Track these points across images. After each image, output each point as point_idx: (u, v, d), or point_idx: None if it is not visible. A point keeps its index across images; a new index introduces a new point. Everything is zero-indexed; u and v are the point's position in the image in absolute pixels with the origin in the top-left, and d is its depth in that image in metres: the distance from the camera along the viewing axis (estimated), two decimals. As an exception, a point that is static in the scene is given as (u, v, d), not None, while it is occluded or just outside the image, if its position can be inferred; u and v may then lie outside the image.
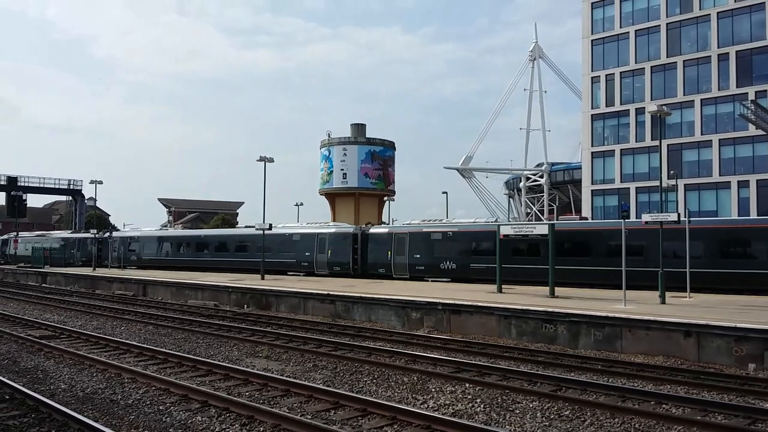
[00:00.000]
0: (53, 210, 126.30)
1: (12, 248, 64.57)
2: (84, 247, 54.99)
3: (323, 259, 37.06)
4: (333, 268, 36.69)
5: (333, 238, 37.19)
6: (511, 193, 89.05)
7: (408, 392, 11.99)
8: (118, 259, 50.72)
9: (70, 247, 56.76)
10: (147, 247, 50.55)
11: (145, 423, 9.78)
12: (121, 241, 52.02)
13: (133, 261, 50.16)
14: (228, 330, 20.34)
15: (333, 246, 36.95)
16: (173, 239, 49.80)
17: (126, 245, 51.55)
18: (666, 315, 16.61)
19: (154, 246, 50.01)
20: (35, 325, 21.39)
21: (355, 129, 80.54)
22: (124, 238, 52.57)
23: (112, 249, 51.50)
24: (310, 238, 37.81)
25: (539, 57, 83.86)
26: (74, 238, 57.87)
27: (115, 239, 52.32)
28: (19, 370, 13.94)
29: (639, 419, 10.04)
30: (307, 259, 37.81)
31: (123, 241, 52.02)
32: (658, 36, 55.74)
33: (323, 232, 37.71)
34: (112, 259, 51.07)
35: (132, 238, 52.10)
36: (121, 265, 49.92)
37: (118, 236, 53.17)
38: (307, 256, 37.76)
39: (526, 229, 24.88)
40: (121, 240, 52.26)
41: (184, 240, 49.01)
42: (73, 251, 55.97)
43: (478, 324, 19.46)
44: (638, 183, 55.48)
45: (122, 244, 51.70)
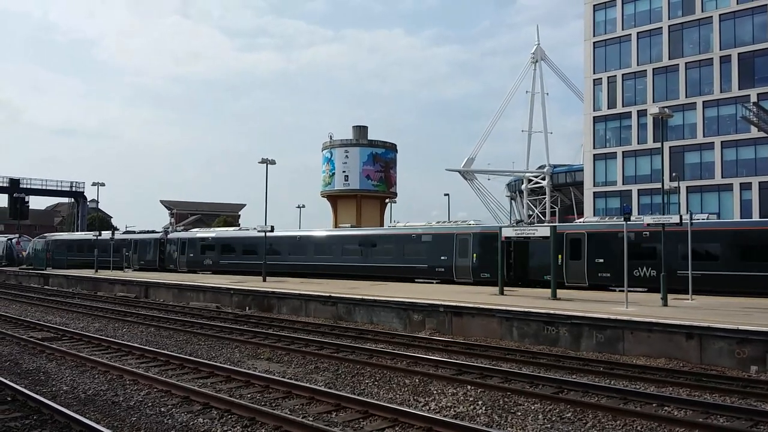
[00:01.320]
0: (55, 212, 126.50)
1: (37, 248, 60.36)
2: (143, 248, 49.21)
3: (465, 263, 31.03)
4: (480, 275, 30.21)
5: (480, 239, 30.82)
6: (513, 195, 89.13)
7: (410, 394, 11.98)
8: (188, 263, 45.30)
9: (123, 248, 50.34)
10: (230, 248, 43.40)
11: (147, 425, 9.79)
12: (190, 242, 46.00)
13: (207, 265, 44.14)
14: (230, 332, 20.34)
15: (479, 248, 30.57)
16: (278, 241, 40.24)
17: (196, 247, 45.35)
18: (668, 317, 16.59)
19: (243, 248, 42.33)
20: (37, 327, 21.41)
21: (357, 131, 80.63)
22: (194, 239, 46.32)
23: (180, 251, 45.99)
24: (446, 240, 31.86)
25: (541, 59, 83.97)
26: (129, 239, 51.32)
27: (183, 240, 46.78)
28: (21, 372, 13.95)
29: (641, 421, 10.02)
30: (442, 264, 31.81)
31: (192, 242, 45.90)
32: (660, 38, 55.77)
33: (465, 231, 31.64)
34: (179, 263, 45.90)
35: (208, 239, 45.21)
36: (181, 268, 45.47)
37: (187, 237, 47.12)
38: (442, 260, 31.75)
39: None
40: (190, 241, 46.11)
41: (290, 241, 40.45)
42: (128, 253, 49.88)
43: (480, 326, 19.44)
44: (640, 185, 55.47)
45: (191, 245, 45.69)
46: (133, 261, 49.14)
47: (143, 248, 48.96)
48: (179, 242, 46.73)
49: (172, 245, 46.93)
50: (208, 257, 44.06)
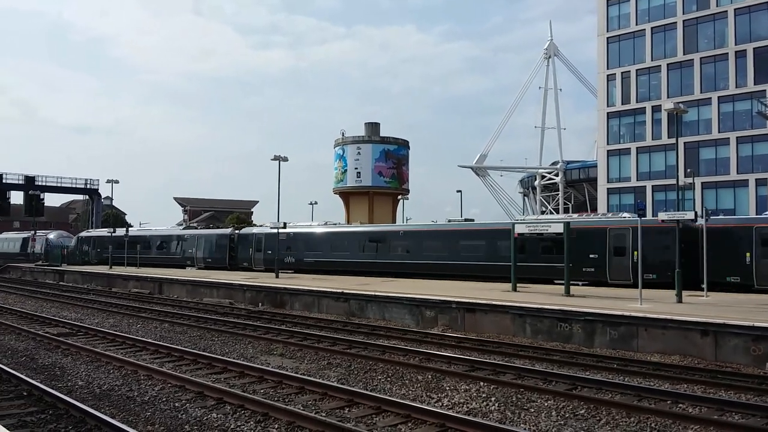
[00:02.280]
0: (70, 209, 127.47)
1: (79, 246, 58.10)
2: (209, 246, 45.69)
3: (624, 263, 26.58)
4: (645, 275, 23.35)
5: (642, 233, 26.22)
6: (525, 192, 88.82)
7: (422, 390, 11.99)
8: (265, 261, 41.17)
9: (186, 245, 47.44)
10: (319, 245, 39.41)
11: (161, 420, 9.85)
12: (268, 239, 41.01)
13: (288, 264, 39.91)
14: (243, 328, 20.43)
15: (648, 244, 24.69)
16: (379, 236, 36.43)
17: (275, 242, 39.84)
18: (682, 314, 16.48)
19: (330, 244, 38.79)
20: (53, 323, 21.61)
21: (369, 128, 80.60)
22: (273, 235, 40.56)
23: (255, 249, 42.14)
24: (596, 235, 27.19)
25: (554, 55, 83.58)
26: (193, 235, 48.05)
27: (258, 237, 42.40)
28: (37, 367, 14.09)
29: (655, 418, 9.97)
30: (592, 263, 27.22)
31: (271, 239, 40.45)
32: (675, 33, 55.25)
33: (622, 225, 27.33)
34: (255, 261, 42.16)
35: (290, 234, 40.19)
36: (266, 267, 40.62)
37: (264, 233, 42.13)
38: (592, 259, 26.94)
39: None
40: (268, 238, 41.07)
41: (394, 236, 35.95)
42: (192, 250, 46.73)
43: (493, 323, 19.40)
44: (654, 181, 55.05)
45: (271, 243, 40.43)
46: (197, 259, 45.95)
47: (209, 245, 45.57)
48: (254, 239, 42.44)
49: (246, 242, 43.09)
50: (290, 255, 40.02)
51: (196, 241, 46.61)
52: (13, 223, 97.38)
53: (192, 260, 46.06)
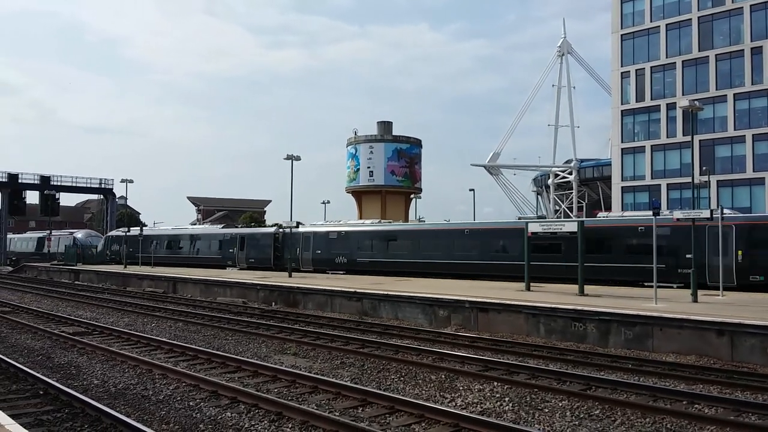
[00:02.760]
0: (85, 209, 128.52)
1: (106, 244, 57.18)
2: (252, 245, 43.34)
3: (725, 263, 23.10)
4: (749, 278, 23.85)
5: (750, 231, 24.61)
6: (539, 190, 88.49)
7: (435, 390, 11.96)
8: (314, 261, 38.92)
9: (227, 244, 44.99)
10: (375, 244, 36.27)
11: (175, 418, 9.90)
12: (317, 238, 38.86)
13: (340, 264, 37.54)
14: (256, 327, 20.50)
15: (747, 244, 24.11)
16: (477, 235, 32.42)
17: (325, 243, 38.54)
18: (698, 313, 16.33)
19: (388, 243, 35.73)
20: (68, 322, 21.78)
21: (382, 127, 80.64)
22: (321, 233, 39.01)
23: (304, 248, 39.38)
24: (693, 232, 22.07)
25: (567, 52, 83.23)
26: (235, 234, 45.47)
27: (307, 235, 39.62)
28: (53, 366, 14.20)
29: (671, 419, 9.89)
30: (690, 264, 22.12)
31: (319, 238, 38.82)
32: (690, 30, 54.82)
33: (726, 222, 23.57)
34: (303, 261, 39.35)
35: (342, 233, 37.90)
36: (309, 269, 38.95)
37: (312, 231, 39.76)
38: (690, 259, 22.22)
39: None
40: (317, 237, 39.01)
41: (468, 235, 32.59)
42: (233, 250, 44.15)
43: (506, 322, 19.33)
44: (669, 179, 54.67)
45: (319, 241, 38.79)
46: (239, 259, 43.67)
47: (253, 245, 43.29)
48: (303, 238, 39.86)
49: (293, 242, 40.06)
50: (342, 255, 37.47)
51: (237, 240, 44.16)
52: (29, 222, 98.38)
53: (233, 260, 43.88)
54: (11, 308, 26.17)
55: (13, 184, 73.39)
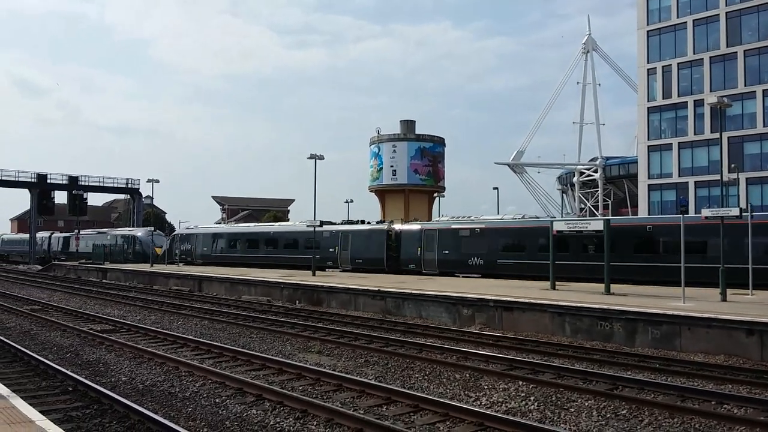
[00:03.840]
0: (112, 208, 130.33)
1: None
2: (359, 244, 38.46)
3: None
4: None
5: None
6: (564, 189, 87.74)
7: (460, 389, 11.93)
8: (439, 263, 33.90)
9: (327, 243, 39.76)
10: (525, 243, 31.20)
11: (202, 415, 9.99)
12: (443, 235, 33.98)
13: (475, 266, 32.40)
14: (281, 325, 20.61)
15: None
16: None
17: (453, 241, 33.39)
18: (727, 313, 16.09)
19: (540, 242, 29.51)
20: (96, 320, 22.10)
21: (405, 125, 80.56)
22: (448, 230, 34.04)
23: (426, 248, 34.43)
24: None
25: (593, 49, 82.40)
26: (335, 231, 40.08)
27: (430, 232, 34.77)
28: (82, 363, 14.42)
29: (699, 419, 9.75)
30: None
31: (447, 235, 33.80)
32: (717, 25, 53.93)
33: None
34: (426, 263, 34.51)
35: (476, 230, 32.59)
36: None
37: (437, 228, 34.91)
38: None
39: None
40: (443, 234, 34.05)
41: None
42: (334, 249, 39.45)
43: (531, 321, 19.21)
44: (697, 177, 53.86)
45: (446, 239, 33.75)
46: (342, 260, 39.00)
47: (360, 244, 38.34)
48: (425, 235, 34.85)
49: (411, 240, 35.51)
50: (476, 255, 32.48)
51: (340, 238, 39.23)
52: (57, 222, 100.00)
53: (334, 261, 39.41)
54: (41, 306, 26.61)
55: (42, 184, 74.73)
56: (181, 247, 51.99)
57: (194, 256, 49.48)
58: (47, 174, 75.30)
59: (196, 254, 49.48)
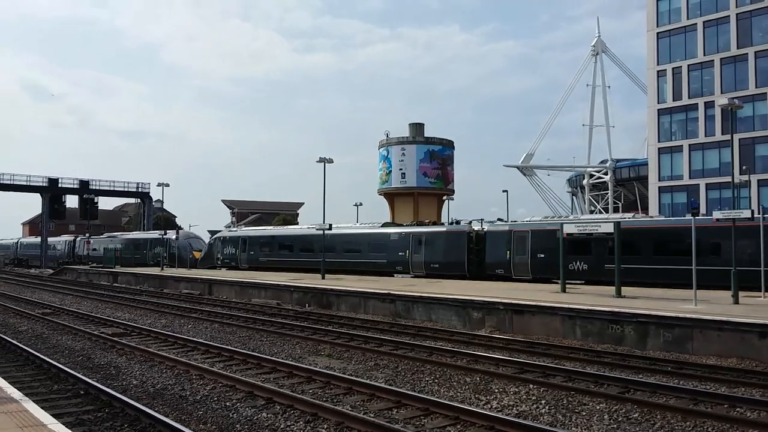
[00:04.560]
0: (123, 212, 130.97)
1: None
2: (434, 246, 34.69)
3: None
4: None
5: None
6: (574, 191, 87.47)
7: (470, 392, 11.90)
8: (533, 268, 29.99)
9: (396, 246, 36.42)
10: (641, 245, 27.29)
11: (212, 419, 10.01)
12: (537, 236, 30.28)
13: (577, 271, 28.34)
14: (290, 328, 20.63)
15: None
16: None
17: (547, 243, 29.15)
18: (739, 315, 15.98)
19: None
20: (107, 323, 22.19)
21: (414, 128, 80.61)
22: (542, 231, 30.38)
23: (517, 251, 30.81)
24: None
25: (602, 51, 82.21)
26: (406, 233, 36.61)
27: (521, 234, 30.91)
28: (93, 366, 14.48)
29: (712, 423, 9.68)
30: None
31: (540, 236, 30.10)
32: (728, 27, 53.64)
33: None
34: (517, 267, 30.55)
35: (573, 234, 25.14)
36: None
37: (528, 229, 31.13)
38: None
39: None
40: (536, 235, 30.37)
41: None
42: (404, 253, 35.75)
43: (541, 324, 19.13)
44: (708, 179, 53.56)
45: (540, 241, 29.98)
46: (414, 264, 35.38)
47: (435, 246, 34.72)
48: (515, 237, 31.18)
49: (498, 242, 32.01)
50: (580, 260, 28.49)
51: (412, 241, 35.66)
52: (68, 226, 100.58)
53: (404, 266, 35.79)
54: (52, 310, 26.76)
55: (54, 188, 75.30)
56: (224, 251, 48.47)
57: (239, 261, 46.57)
58: (58, 178, 75.87)
59: (242, 258, 46.43)
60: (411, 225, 38.64)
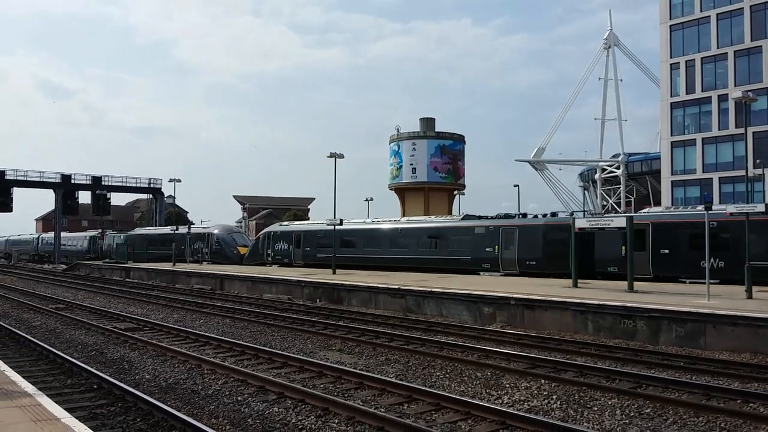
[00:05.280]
0: (135, 208, 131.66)
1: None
2: (530, 241, 30.90)
3: None
4: None
5: None
6: (586, 185, 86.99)
7: (481, 387, 11.88)
8: (655, 264, 26.23)
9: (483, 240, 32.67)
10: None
11: (224, 413, 10.05)
12: (657, 230, 26.54)
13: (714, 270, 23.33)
14: (301, 323, 20.67)
15: None
16: None
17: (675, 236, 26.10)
18: (753, 310, 15.85)
19: None
20: (120, 318, 22.33)
21: (425, 123, 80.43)
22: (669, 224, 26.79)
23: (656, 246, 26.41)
24: None
25: (614, 45, 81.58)
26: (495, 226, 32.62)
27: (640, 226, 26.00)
28: (106, 361, 14.57)
29: (725, 418, 9.62)
30: None
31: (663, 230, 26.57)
32: (742, 19, 53.14)
33: None
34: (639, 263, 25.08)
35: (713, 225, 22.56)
36: None
37: (645, 222, 26.84)
38: None
39: None
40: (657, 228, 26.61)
41: None
42: (492, 249, 32.14)
43: (553, 319, 19.08)
44: (721, 173, 53.15)
45: (662, 235, 26.44)
46: (504, 262, 31.66)
47: (531, 241, 30.89)
48: (654, 230, 26.61)
49: (610, 236, 26.48)
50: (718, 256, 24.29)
51: (502, 235, 32.03)
52: (81, 222, 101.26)
53: (492, 262, 32.17)
54: (65, 305, 26.95)
55: (67, 184, 75.76)
56: (275, 247, 45.22)
57: (293, 257, 43.39)
58: (71, 174, 76.33)
59: (296, 254, 43.16)
60: (497, 217, 34.25)
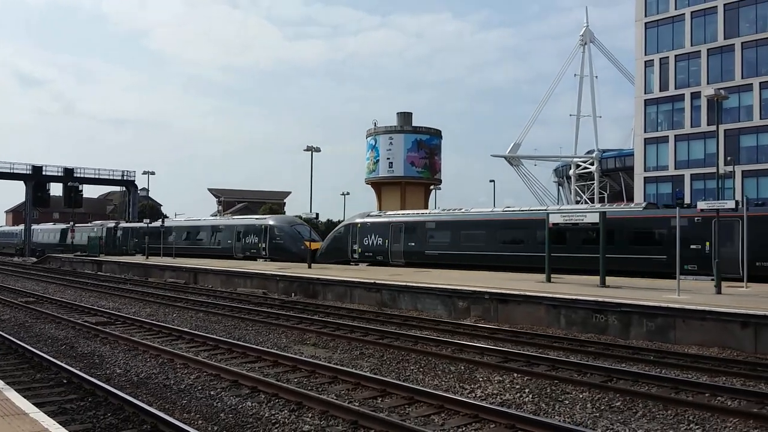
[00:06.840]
0: (108, 200, 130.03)
1: None
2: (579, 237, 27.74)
3: None
4: None
5: None
6: (560, 181, 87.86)
7: (455, 381, 11.94)
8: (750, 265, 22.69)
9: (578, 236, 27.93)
10: None
11: (197, 407, 9.99)
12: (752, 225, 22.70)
13: None
14: (276, 317, 20.60)
15: None
16: None
17: None
18: (722, 305, 16.13)
19: None
20: (91, 312, 22.05)
21: (402, 118, 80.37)
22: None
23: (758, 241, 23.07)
24: None
25: (590, 41, 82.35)
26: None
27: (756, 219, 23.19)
28: (77, 355, 14.39)
29: (693, 411, 9.78)
30: None
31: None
32: (715, 17, 53.94)
33: None
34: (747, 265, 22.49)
35: None
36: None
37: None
38: None
39: None
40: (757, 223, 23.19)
41: None
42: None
43: (526, 314, 19.23)
44: (693, 170, 53.98)
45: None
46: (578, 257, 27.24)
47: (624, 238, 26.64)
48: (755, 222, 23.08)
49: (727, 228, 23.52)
50: None
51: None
52: (52, 214, 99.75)
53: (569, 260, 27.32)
54: (35, 298, 26.56)
55: (38, 176, 74.56)
56: (364, 242, 38.16)
57: (390, 254, 36.45)
58: (42, 166, 75.10)
59: (394, 251, 36.33)
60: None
